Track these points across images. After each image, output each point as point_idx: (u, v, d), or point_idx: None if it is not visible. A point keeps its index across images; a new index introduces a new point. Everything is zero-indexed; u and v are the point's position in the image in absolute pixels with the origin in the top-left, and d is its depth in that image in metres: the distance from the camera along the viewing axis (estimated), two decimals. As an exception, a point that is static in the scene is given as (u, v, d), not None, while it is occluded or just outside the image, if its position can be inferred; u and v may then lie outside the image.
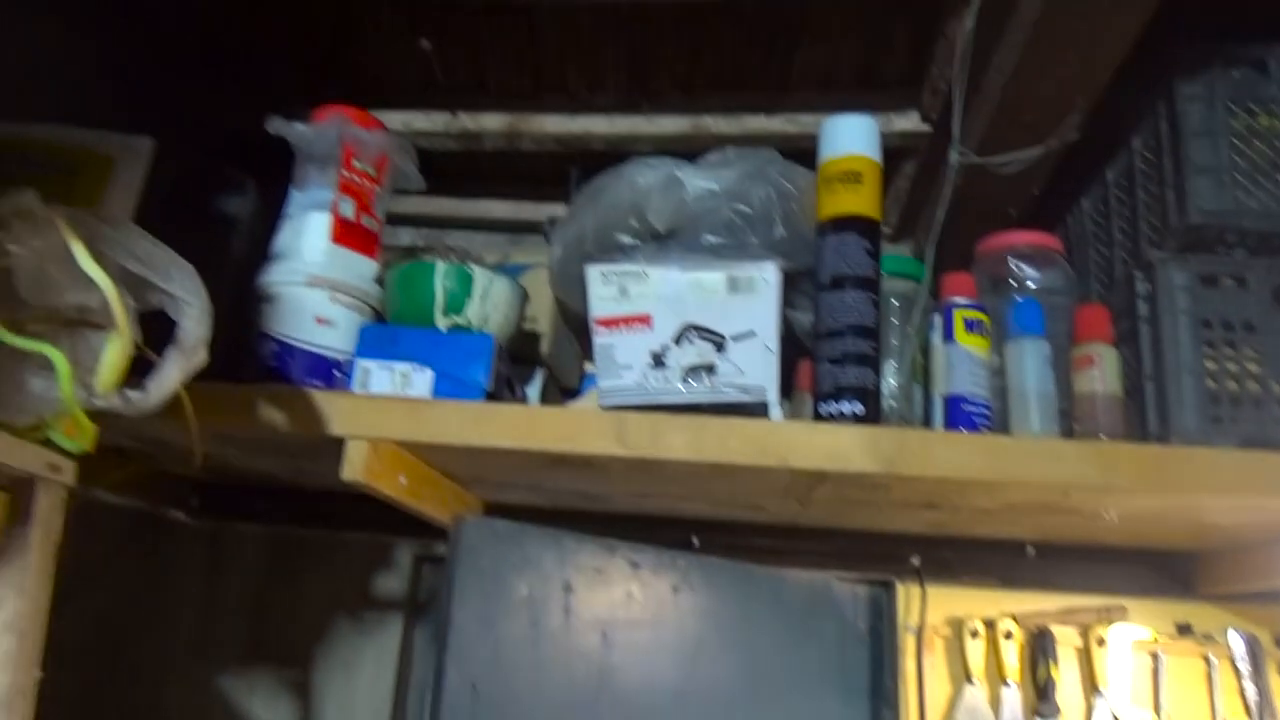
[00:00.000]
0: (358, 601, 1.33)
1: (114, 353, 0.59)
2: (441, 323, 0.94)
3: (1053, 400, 0.88)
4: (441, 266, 0.95)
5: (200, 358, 0.63)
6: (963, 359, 0.89)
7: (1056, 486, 0.81)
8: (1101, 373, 0.88)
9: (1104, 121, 0.95)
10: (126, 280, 0.61)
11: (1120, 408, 0.89)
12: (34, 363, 0.61)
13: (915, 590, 1.19)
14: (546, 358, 1.13)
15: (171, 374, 0.61)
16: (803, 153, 1.00)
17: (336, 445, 0.85)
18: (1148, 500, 0.85)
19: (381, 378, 0.92)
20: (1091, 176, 1.09)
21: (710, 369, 0.92)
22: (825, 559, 1.22)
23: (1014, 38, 0.86)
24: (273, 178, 1.01)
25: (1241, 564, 1.07)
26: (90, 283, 0.58)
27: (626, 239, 0.96)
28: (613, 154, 1.24)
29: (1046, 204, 1.09)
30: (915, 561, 1.19)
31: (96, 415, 0.66)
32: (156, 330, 0.67)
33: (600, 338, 0.94)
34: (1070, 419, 0.91)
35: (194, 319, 0.62)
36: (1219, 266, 0.88)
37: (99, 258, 0.58)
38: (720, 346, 0.92)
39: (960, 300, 0.91)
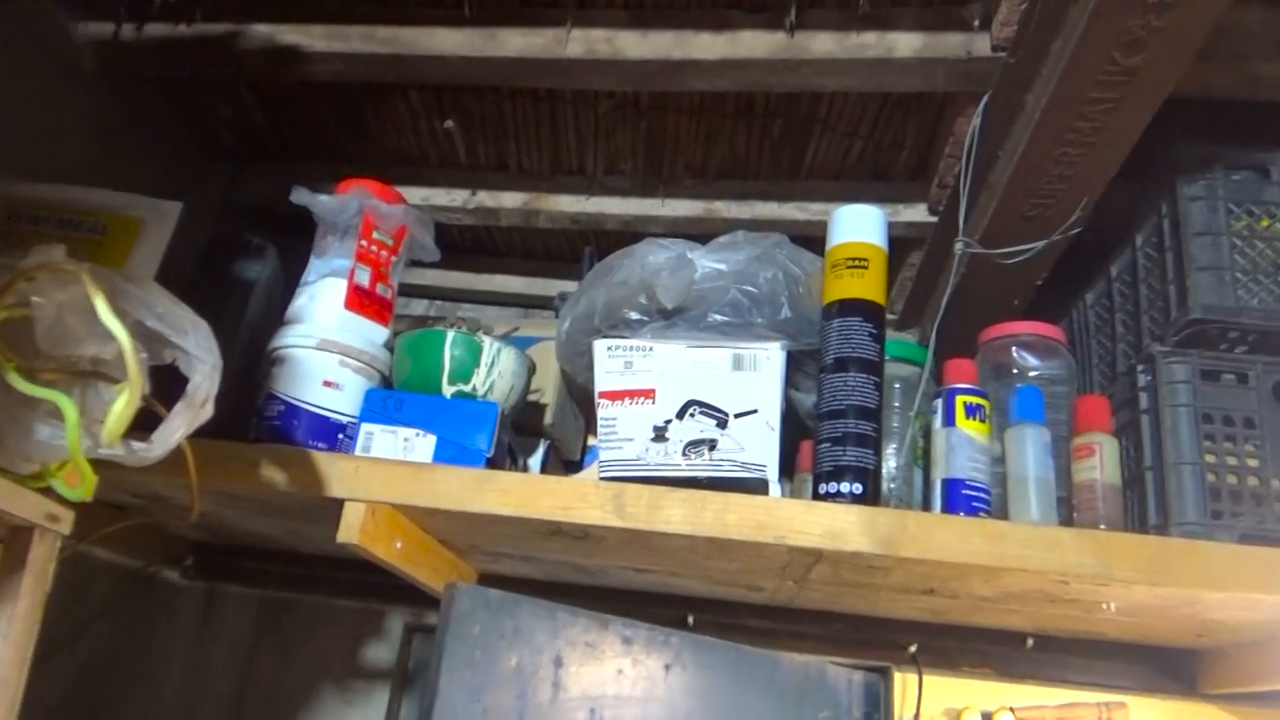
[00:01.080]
0: (346, 670, 1.31)
1: (123, 403, 0.60)
2: (447, 390, 0.95)
3: (1052, 488, 0.88)
4: (450, 335, 0.96)
5: (207, 413, 0.64)
6: (963, 444, 0.89)
7: (1055, 574, 0.81)
8: (1101, 462, 0.89)
9: (1108, 217, 0.97)
10: (143, 335, 0.62)
11: (1120, 498, 0.89)
12: (43, 410, 0.62)
13: (912, 678, 1.16)
14: (550, 430, 1.14)
15: (177, 427, 0.62)
16: (812, 239, 1.03)
17: (335, 507, 0.86)
18: (1147, 593, 0.84)
19: (385, 442, 0.93)
20: (1095, 270, 1.11)
21: (711, 444, 0.93)
22: (821, 643, 1.20)
23: (1018, 135, 0.88)
24: (294, 245, 1.04)
25: (1244, 663, 1.05)
26: (107, 336, 0.59)
27: (634, 315, 0.97)
28: (627, 234, 1.28)
29: (1050, 295, 1.11)
30: (912, 649, 1.17)
31: (99, 466, 0.66)
32: (168, 386, 0.68)
33: (604, 410, 0.95)
34: (1069, 508, 0.90)
35: (205, 375, 0.63)
36: (1220, 362, 0.89)
37: (119, 313, 0.59)
38: (722, 423, 0.93)
39: (962, 386, 0.92)
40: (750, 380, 0.94)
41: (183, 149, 1.31)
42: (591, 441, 1.23)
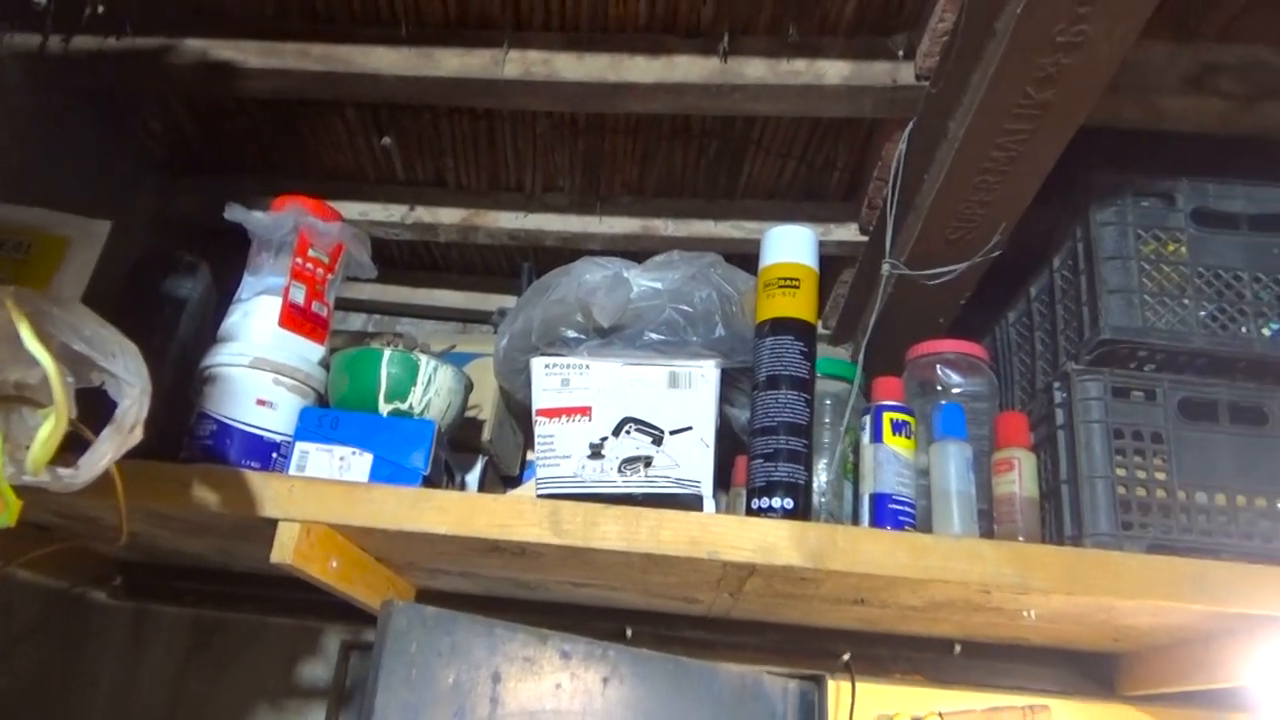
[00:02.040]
0: (281, 689, 1.29)
1: (49, 430, 0.59)
2: (384, 408, 0.95)
3: (973, 501, 0.91)
4: (387, 353, 0.96)
5: (136, 438, 0.64)
6: (889, 459, 0.92)
7: (977, 585, 0.83)
8: (1020, 476, 0.92)
9: (1028, 238, 1.01)
10: (69, 358, 0.62)
11: (1037, 510, 0.93)
12: (-34, 436, 0.61)
13: (845, 686, 1.19)
14: (488, 445, 1.14)
15: (105, 453, 0.62)
16: (747, 256, 1.05)
17: (269, 527, 0.85)
18: (1064, 601, 0.88)
19: (320, 460, 0.92)
20: (1016, 290, 1.15)
21: (647, 461, 0.94)
22: (758, 652, 1.22)
23: (941, 160, 0.92)
24: (228, 259, 1.03)
25: (1159, 666, 1.09)
26: (32, 360, 0.58)
27: (571, 333, 0.98)
28: (565, 250, 1.29)
29: (975, 313, 1.15)
30: (846, 657, 1.19)
31: (23, 490, 0.65)
32: (96, 407, 0.68)
33: (541, 427, 0.96)
34: (990, 520, 0.94)
35: (133, 399, 0.63)
36: (1130, 380, 0.93)
37: (44, 337, 0.58)
38: (658, 440, 0.95)
39: (889, 403, 0.95)
40: (685, 398, 0.95)
41: (112, 161, 1.28)
42: (530, 456, 1.24)
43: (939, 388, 1.01)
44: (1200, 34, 0.96)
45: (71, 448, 0.65)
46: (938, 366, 1.02)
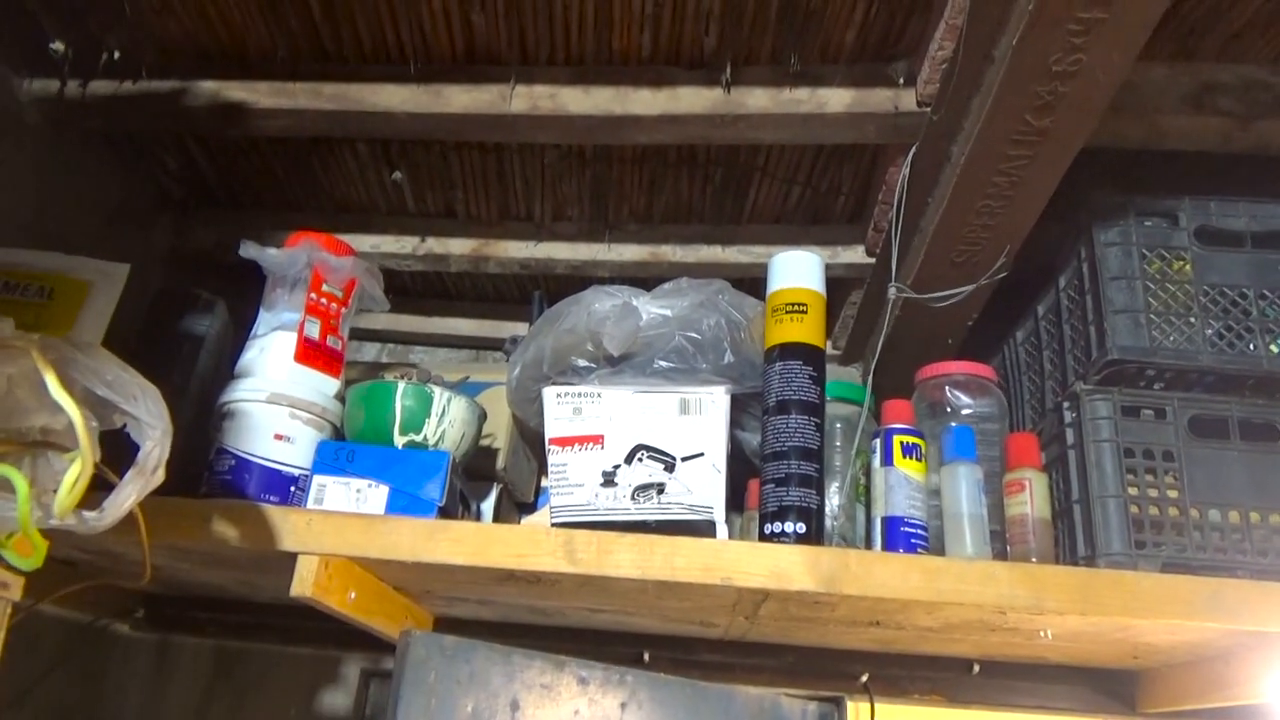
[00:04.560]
0: (302, 717, 1.30)
1: (75, 476, 0.60)
2: (399, 440, 0.97)
3: (984, 523, 0.92)
4: (401, 386, 0.98)
5: (158, 479, 0.65)
6: (900, 482, 0.93)
7: (991, 607, 0.84)
8: (1031, 497, 0.92)
9: (1034, 256, 1.02)
10: (93, 402, 0.63)
11: (1050, 531, 0.93)
12: (-6, 481, 0.62)
13: (864, 707, 1.19)
14: (502, 472, 1.15)
15: (129, 495, 0.63)
16: (755, 280, 1.06)
17: (289, 560, 0.87)
18: (1079, 621, 0.88)
19: (337, 493, 0.94)
20: (1024, 308, 1.15)
21: (660, 488, 0.95)
22: (775, 675, 1.22)
23: (945, 184, 0.93)
24: (243, 291, 1.05)
25: (1178, 683, 1.09)
26: (57, 407, 0.60)
27: (582, 362, 0.99)
28: (575, 278, 1.31)
29: (985, 331, 1.15)
30: (864, 678, 1.19)
31: (49, 531, 0.67)
32: (118, 447, 0.69)
33: (554, 456, 0.97)
34: (1003, 541, 0.94)
35: (155, 441, 0.64)
36: (1139, 399, 0.93)
37: (68, 383, 0.60)
38: (670, 466, 0.95)
39: (898, 426, 0.96)
40: (696, 424, 0.96)
41: (129, 200, 1.31)
42: (544, 482, 1.25)
43: (949, 409, 1.02)
44: (1199, 54, 0.97)
45: (95, 488, 0.67)
46: (947, 388, 1.02)
